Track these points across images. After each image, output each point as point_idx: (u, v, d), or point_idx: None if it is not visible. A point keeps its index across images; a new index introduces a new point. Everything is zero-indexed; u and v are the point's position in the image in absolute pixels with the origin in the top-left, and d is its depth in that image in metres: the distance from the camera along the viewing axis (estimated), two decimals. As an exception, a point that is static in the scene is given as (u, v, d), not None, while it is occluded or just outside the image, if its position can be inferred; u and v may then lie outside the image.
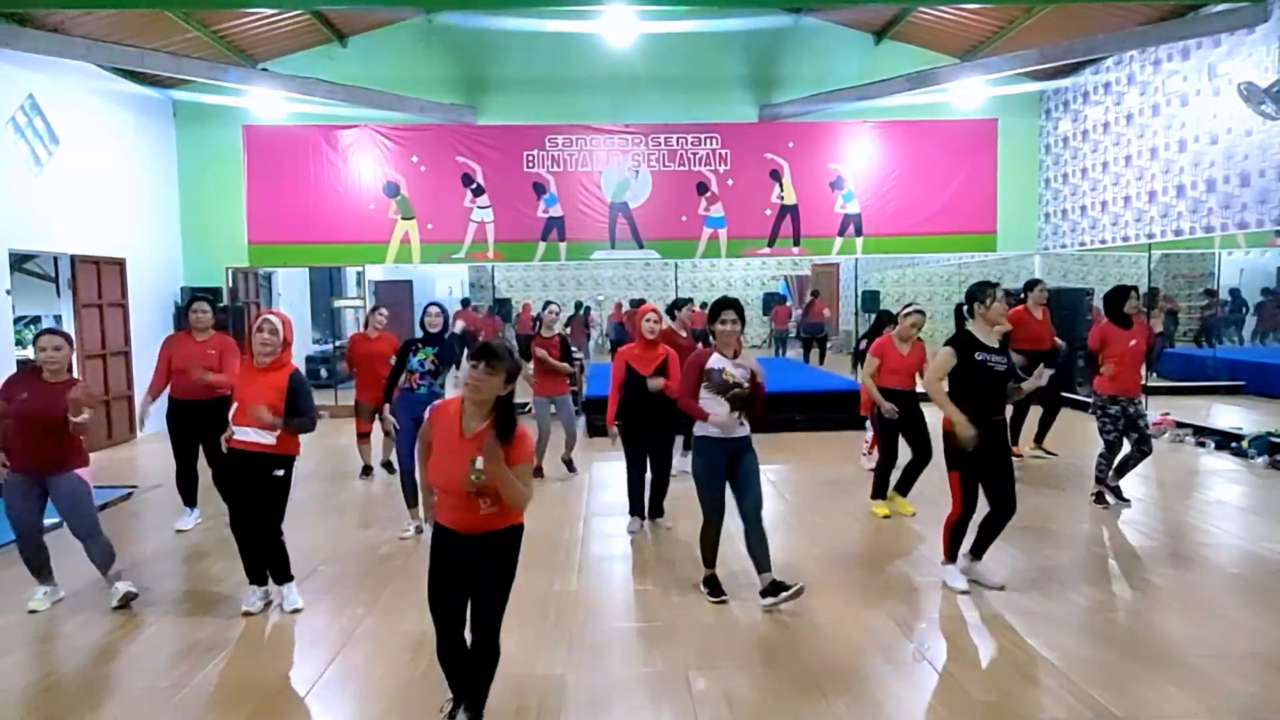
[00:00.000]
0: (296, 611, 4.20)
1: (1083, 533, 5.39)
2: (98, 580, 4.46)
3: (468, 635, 2.86)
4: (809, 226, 11.11)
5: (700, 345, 5.23)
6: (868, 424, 7.16)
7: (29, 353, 9.77)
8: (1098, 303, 12.18)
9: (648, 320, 5.36)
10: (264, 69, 10.45)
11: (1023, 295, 7.35)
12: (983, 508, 4.34)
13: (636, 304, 16.47)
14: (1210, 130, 8.69)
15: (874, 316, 7.34)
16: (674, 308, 7.04)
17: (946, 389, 4.23)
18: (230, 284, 10.98)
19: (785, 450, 7.64)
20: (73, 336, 4.47)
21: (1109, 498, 5.92)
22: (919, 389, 5.48)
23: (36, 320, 10.96)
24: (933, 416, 4.75)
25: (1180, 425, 8.33)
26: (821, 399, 9.07)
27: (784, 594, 4.04)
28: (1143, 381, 5.96)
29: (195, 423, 5.53)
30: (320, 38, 10.78)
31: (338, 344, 13.57)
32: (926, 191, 11.10)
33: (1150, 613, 4.09)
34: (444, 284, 15.84)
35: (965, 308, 4.31)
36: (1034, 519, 5.50)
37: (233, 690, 3.44)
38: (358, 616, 4.16)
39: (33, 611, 4.29)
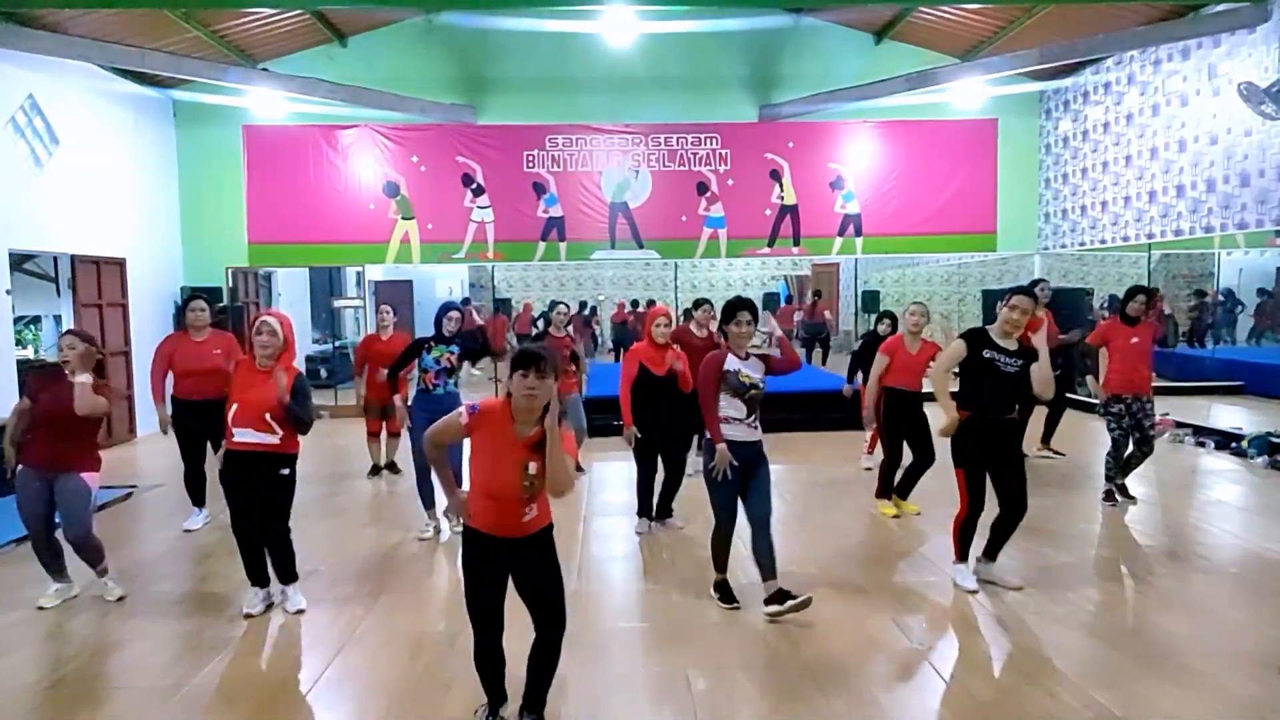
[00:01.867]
0: (300, 612, 4.20)
1: (1083, 533, 5.39)
2: (96, 582, 4.46)
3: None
4: (809, 226, 11.11)
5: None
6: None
7: (29, 353, 9.80)
8: (1097, 302, 12.28)
9: (658, 325, 5.30)
10: (264, 69, 10.45)
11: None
12: (994, 508, 4.34)
13: (637, 304, 16.55)
14: (1210, 130, 8.69)
15: (876, 318, 7.30)
16: (693, 307, 7.03)
17: (956, 385, 4.26)
18: (230, 284, 10.98)
19: (786, 450, 7.63)
20: (95, 336, 4.46)
21: (1116, 496, 5.93)
22: (926, 389, 5.49)
23: (36, 320, 10.96)
24: (936, 417, 4.75)
25: (1180, 425, 8.33)
26: (822, 399, 9.05)
27: (789, 604, 3.99)
28: (1152, 382, 5.91)
29: (202, 422, 5.51)
30: (320, 38, 10.78)
31: (338, 344, 13.57)
32: (926, 191, 11.10)
33: (1150, 612, 4.09)
34: (444, 284, 15.83)
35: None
36: (1034, 519, 5.46)
37: (233, 690, 3.44)
38: (358, 616, 4.16)
39: (41, 608, 4.29)
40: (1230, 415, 8.90)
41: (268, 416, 4.04)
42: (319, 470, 7.55)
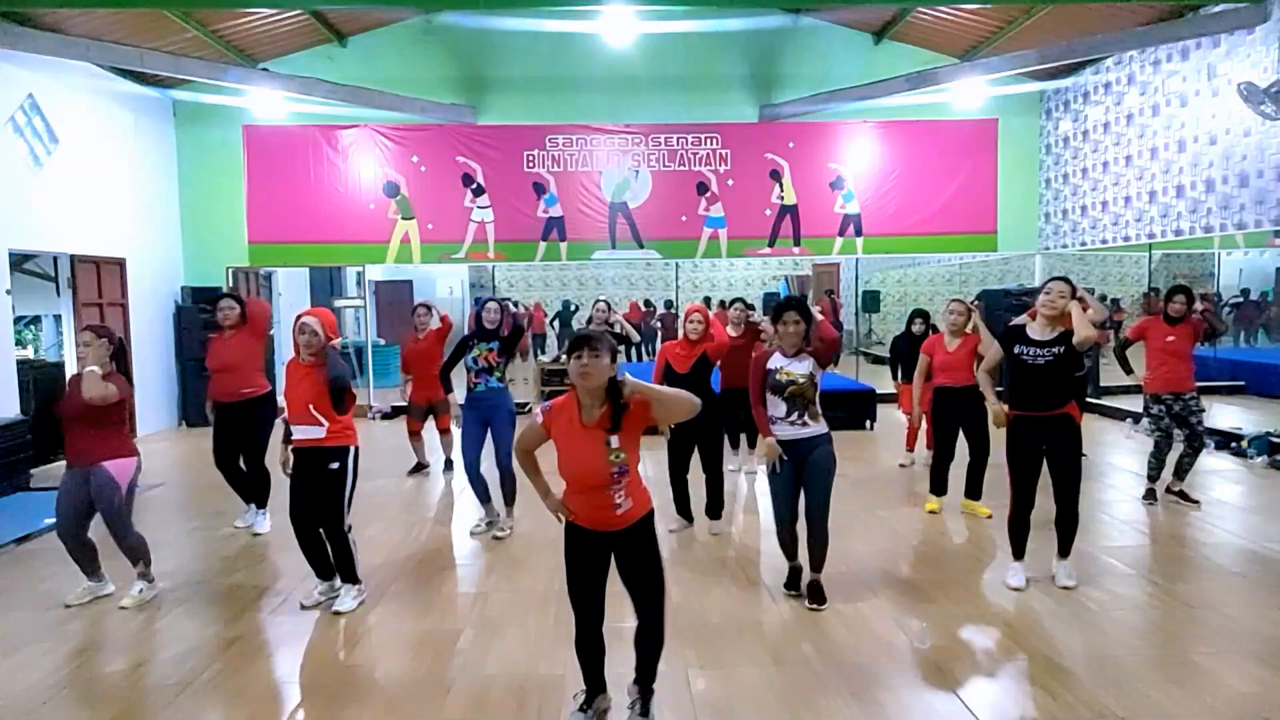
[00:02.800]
0: (338, 614, 4.17)
1: (1084, 532, 5.35)
2: (85, 584, 4.46)
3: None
4: (809, 226, 11.11)
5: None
6: (908, 419, 7.17)
7: (29, 353, 9.80)
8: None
9: (692, 321, 5.26)
10: (264, 69, 10.44)
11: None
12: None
13: (649, 304, 16.54)
14: (1210, 130, 8.69)
15: (909, 317, 7.28)
16: (726, 306, 7.03)
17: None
18: (230, 284, 10.98)
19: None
20: (110, 328, 4.49)
21: (1169, 496, 5.94)
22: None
23: (36, 320, 10.96)
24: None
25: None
26: (827, 399, 9.00)
27: (815, 605, 4.10)
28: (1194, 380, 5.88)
29: (231, 423, 5.57)
30: (320, 38, 10.78)
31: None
32: (926, 191, 11.10)
33: (1150, 612, 4.09)
34: (444, 284, 15.83)
35: None
36: (1036, 519, 5.50)
37: (233, 690, 3.44)
38: (360, 616, 4.16)
39: (67, 605, 4.31)
40: (1230, 415, 8.90)
41: (312, 408, 4.08)
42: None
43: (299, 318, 4.19)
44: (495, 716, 3.18)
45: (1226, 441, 7.73)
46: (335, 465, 4.14)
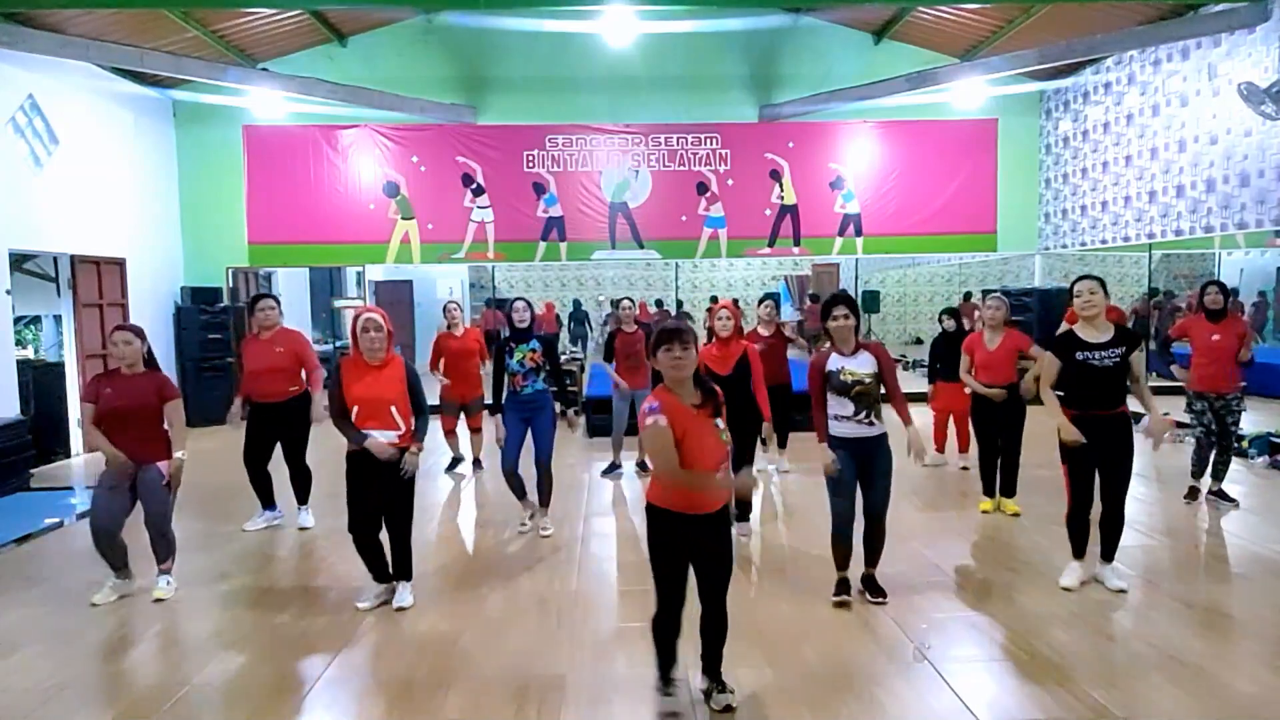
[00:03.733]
0: (401, 610, 4.18)
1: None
2: (100, 581, 4.46)
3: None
4: (809, 226, 11.11)
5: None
6: (935, 418, 7.16)
7: (29, 353, 9.79)
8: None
9: (720, 318, 5.16)
10: (264, 69, 10.45)
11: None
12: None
13: (661, 304, 16.51)
14: (1210, 130, 8.69)
15: (940, 315, 7.24)
16: (757, 304, 7.01)
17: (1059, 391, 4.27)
18: (230, 284, 10.98)
19: (788, 450, 7.62)
20: (144, 329, 4.52)
21: (1210, 498, 5.92)
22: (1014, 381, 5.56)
23: (36, 320, 10.95)
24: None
25: (1180, 425, 8.32)
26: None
27: (874, 596, 4.16)
28: (1240, 381, 5.86)
29: (272, 424, 5.54)
30: (320, 38, 10.79)
31: (339, 344, 13.56)
32: (926, 191, 11.10)
33: (1150, 612, 4.09)
34: (444, 284, 15.83)
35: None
36: (1036, 519, 5.51)
37: (234, 690, 3.44)
38: (358, 617, 4.16)
39: (94, 604, 4.31)
40: (1239, 416, 8.87)
41: (394, 410, 4.07)
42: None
43: (360, 314, 4.16)
44: (495, 717, 3.18)
45: (1234, 443, 7.71)
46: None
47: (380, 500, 4.15)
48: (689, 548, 2.97)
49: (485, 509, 6.32)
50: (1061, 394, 4.23)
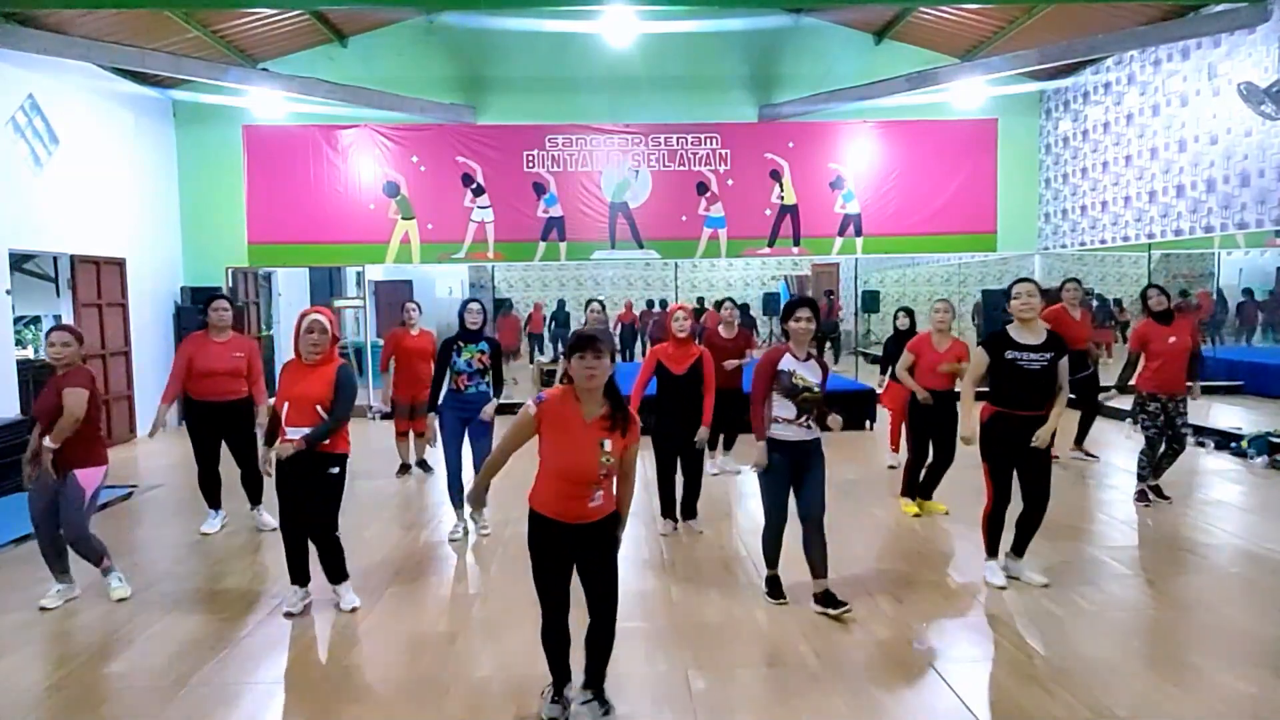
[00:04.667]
0: (354, 610, 4.18)
1: (1083, 533, 5.39)
2: (100, 582, 4.47)
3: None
4: (809, 226, 11.10)
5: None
6: (890, 416, 7.17)
7: (29, 353, 9.79)
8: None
9: (677, 320, 5.24)
10: (264, 69, 10.45)
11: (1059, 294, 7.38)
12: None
13: (653, 305, 16.56)
14: (1210, 130, 8.69)
15: (895, 314, 7.26)
16: (716, 306, 7.02)
17: (986, 387, 4.31)
18: (230, 284, 10.98)
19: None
20: (81, 331, 4.47)
21: (1150, 495, 5.95)
22: (956, 389, 5.54)
23: (36, 320, 10.96)
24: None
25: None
26: (832, 399, 8.99)
27: (831, 609, 4.03)
28: (1190, 381, 5.91)
29: (216, 424, 5.51)
30: (320, 38, 10.78)
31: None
32: (926, 191, 11.09)
33: (1150, 612, 4.09)
34: (444, 284, 15.83)
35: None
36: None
37: (230, 691, 3.44)
38: (359, 616, 4.16)
39: (43, 609, 4.29)
40: (1230, 415, 8.89)
41: (319, 409, 4.04)
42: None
43: (306, 315, 4.14)
44: (494, 717, 3.18)
45: (1226, 441, 7.72)
46: (335, 470, 4.12)
47: (301, 501, 4.11)
48: (569, 556, 2.95)
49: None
50: (986, 390, 4.32)
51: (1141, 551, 5.02)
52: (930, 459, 5.74)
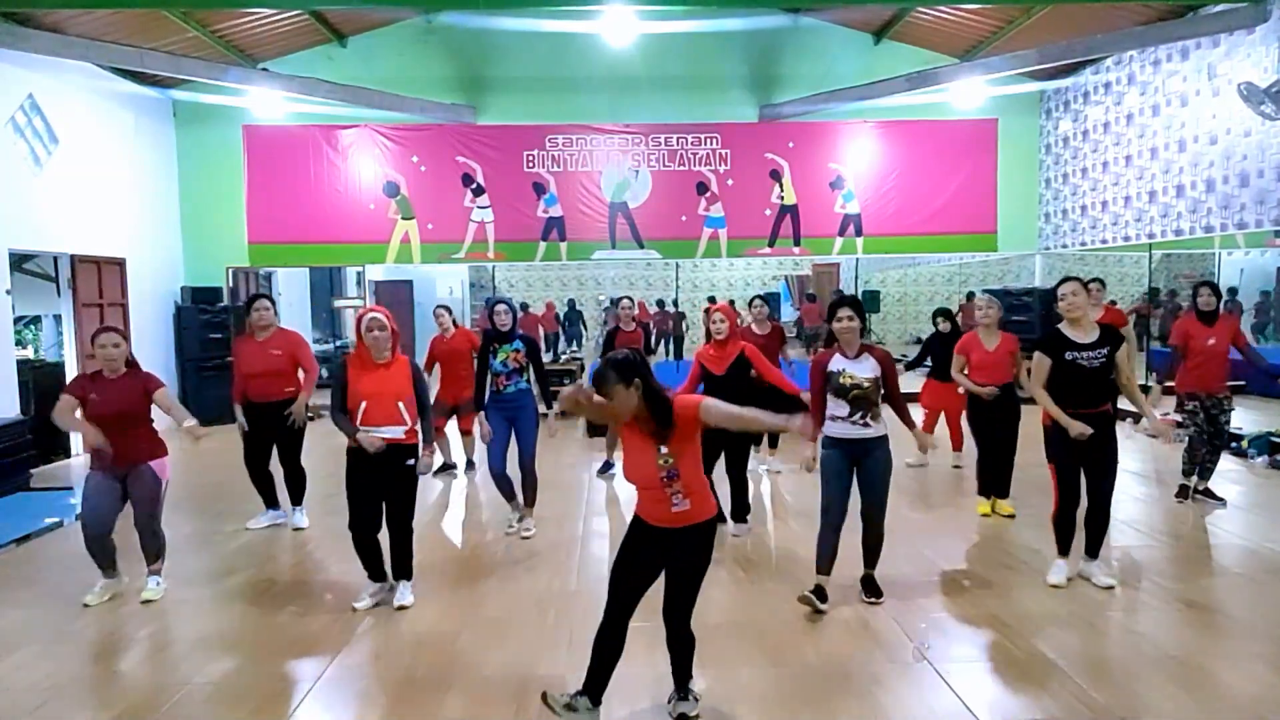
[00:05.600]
0: (402, 609, 4.18)
1: (1082, 533, 5.38)
2: (102, 581, 4.47)
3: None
4: (809, 226, 11.11)
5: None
6: (924, 415, 7.13)
7: (29, 353, 9.79)
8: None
9: (714, 322, 5.21)
10: (264, 69, 10.45)
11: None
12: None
13: (663, 305, 16.52)
14: (1210, 130, 8.69)
15: (933, 316, 7.17)
16: (748, 305, 7.01)
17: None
18: (230, 284, 10.98)
19: (786, 450, 7.62)
20: (129, 331, 4.52)
21: (1196, 496, 5.93)
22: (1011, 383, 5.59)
23: (37, 320, 10.96)
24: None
25: (1180, 425, 8.32)
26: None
27: (869, 596, 4.15)
28: (1229, 380, 5.89)
29: (264, 424, 5.52)
30: (320, 38, 10.78)
31: (338, 344, 13.57)
32: (926, 191, 11.10)
33: (1150, 612, 4.09)
34: (444, 284, 15.84)
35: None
36: (1036, 519, 5.50)
37: (234, 690, 3.44)
38: (359, 617, 4.16)
39: (86, 605, 4.30)
40: (1230, 415, 8.87)
41: (400, 406, 4.10)
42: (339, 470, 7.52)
43: (365, 314, 4.17)
44: (495, 717, 3.18)
45: (1227, 441, 7.71)
46: (411, 462, 4.18)
47: (380, 499, 4.17)
48: (653, 559, 2.99)
49: (481, 510, 6.32)
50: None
51: (1143, 551, 5.02)
52: (996, 457, 5.69)
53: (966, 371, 5.69)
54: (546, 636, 3.88)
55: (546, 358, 12.18)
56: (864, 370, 4.01)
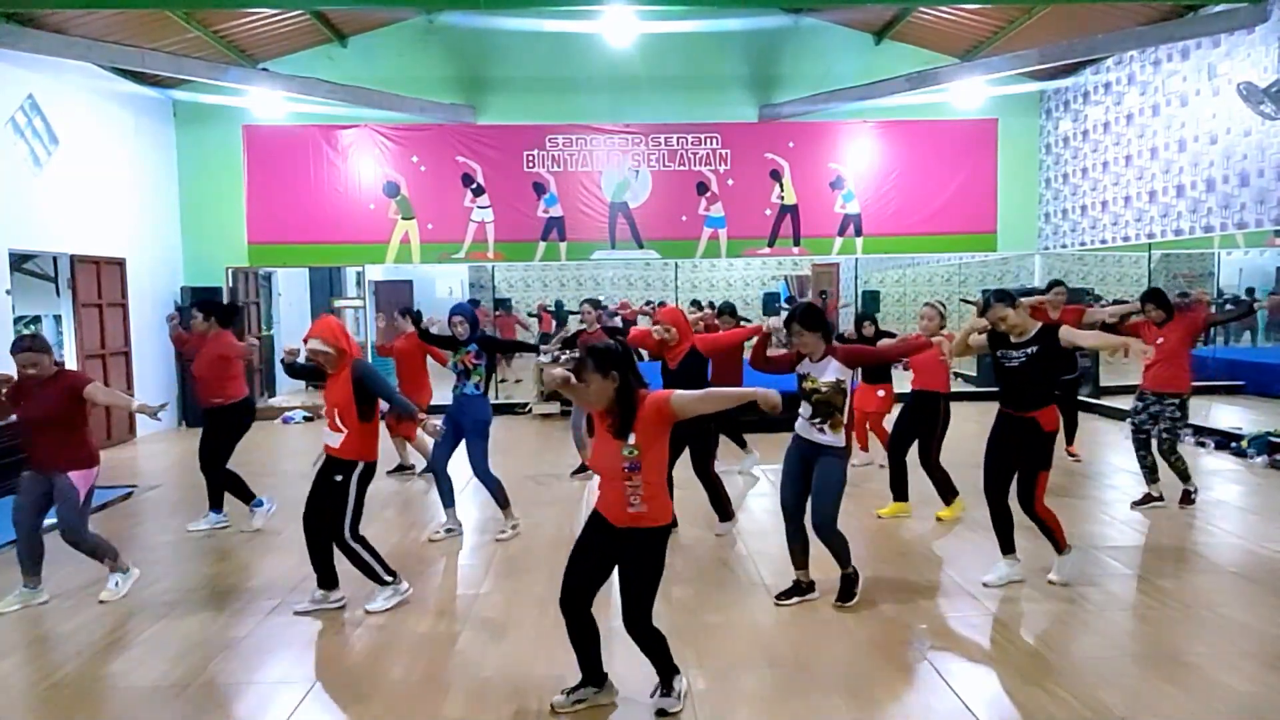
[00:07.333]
0: (369, 614, 4.14)
1: (1082, 533, 5.38)
2: (99, 581, 4.47)
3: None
4: (809, 226, 11.11)
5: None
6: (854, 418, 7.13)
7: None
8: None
9: (657, 332, 5.23)
10: (264, 69, 10.44)
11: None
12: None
13: (653, 305, 16.52)
14: (1210, 130, 8.69)
15: (856, 320, 7.20)
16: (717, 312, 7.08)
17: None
18: (230, 284, 10.98)
19: (783, 449, 7.63)
20: (47, 340, 4.46)
21: (1160, 496, 5.90)
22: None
23: (37, 320, 10.96)
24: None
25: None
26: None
27: (839, 602, 4.13)
28: (1191, 380, 5.90)
29: (205, 428, 5.67)
30: (320, 38, 10.78)
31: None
32: (926, 191, 11.10)
33: (1150, 612, 4.09)
34: (444, 284, 15.83)
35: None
36: (1025, 522, 5.50)
37: (231, 691, 3.45)
38: (358, 617, 4.15)
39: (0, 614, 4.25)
40: (1230, 415, 8.90)
41: (337, 415, 4.06)
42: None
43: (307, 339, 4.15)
44: (495, 717, 3.18)
45: (1226, 441, 7.72)
46: (338, 478, 4.08)
47: (318, 505, 4.15)
48: (606, 554, 3.04)
49: (481, 510, 6.32)
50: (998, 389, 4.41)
51: (1141, 551, 5.03)
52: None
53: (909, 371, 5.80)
54: (546, 636, 3.87)
55: (542, 359, 12.13)
56: (826, 374, 4.01)
